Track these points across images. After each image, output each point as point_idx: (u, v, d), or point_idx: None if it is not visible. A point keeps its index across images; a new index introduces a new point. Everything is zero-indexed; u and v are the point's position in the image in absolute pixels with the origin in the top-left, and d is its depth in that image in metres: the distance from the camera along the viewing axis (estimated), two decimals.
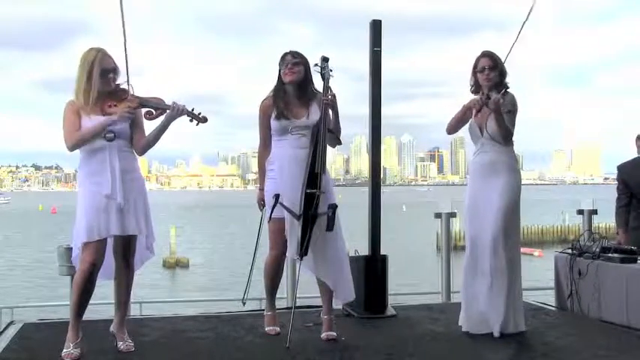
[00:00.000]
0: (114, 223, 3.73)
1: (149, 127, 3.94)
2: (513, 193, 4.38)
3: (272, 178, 4.21)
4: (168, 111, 3.81)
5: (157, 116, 3.83)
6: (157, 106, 3.82)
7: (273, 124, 4.19)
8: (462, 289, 4.49)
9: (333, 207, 4.06)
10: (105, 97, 3.77)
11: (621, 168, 5.60)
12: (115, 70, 3.79)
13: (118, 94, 3.80)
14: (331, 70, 4.12)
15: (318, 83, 4.21)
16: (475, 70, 4.46)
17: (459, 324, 4.50)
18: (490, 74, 4.39)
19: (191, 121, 3.87)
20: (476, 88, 4.51)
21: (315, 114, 4.15)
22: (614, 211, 5.59)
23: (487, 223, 4.32)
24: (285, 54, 4.24)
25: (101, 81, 3.73)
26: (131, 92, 3.83)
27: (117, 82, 3.83)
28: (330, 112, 4.12)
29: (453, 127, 4.59)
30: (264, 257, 4.34)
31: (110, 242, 3.83)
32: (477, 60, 4.46)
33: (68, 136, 3.75)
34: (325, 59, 4.11)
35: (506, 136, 4.37)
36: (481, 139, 4.45)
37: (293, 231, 4.07)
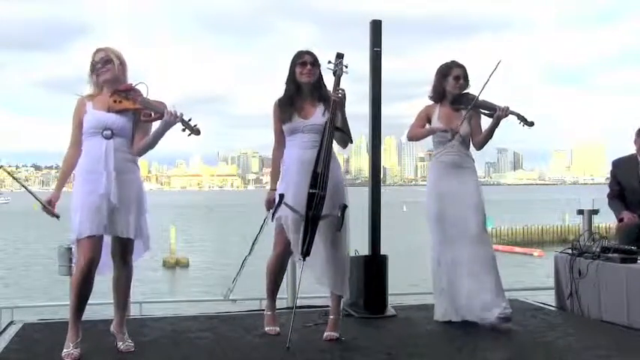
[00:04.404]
0: (105, 223, 3.71)
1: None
2: (480, 190, 4.78)
3: (283, 179, 4.20)
4: (164, 116, 3.80)
5: (153, 119, 3.82)
6: (155, 109, 3.82)
7: (285, 124, 4.17)
8: (443, 283, 4.71)
9: (342, 207, 4.03)
10: (114, 92, 3.78)
11: (615, 163, 5.69)
12: (103, 60, 3.80)
13: (130, 93, 3.80)
14: (346, 67, 4.06)
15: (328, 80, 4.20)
16: (445, 77, 4.71)
17: (436, 318, 4.74)
18: (464, 84, 4.70)
19: (183, 130, 3.80)
20: (438, 95, 4.78)
21: (325, 113, 4.10)
22: (607, 203, 5.67)
23: (467, 216, 4.63)
24: (302, 53, 4.19)
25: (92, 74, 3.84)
26: (142, 93, 3.82)
27: (130, 82, 3.85)
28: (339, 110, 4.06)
29: (417, 140, 4.97)
30: (267, 258, 4.32)
31: (108, 241, 3.82)
32: (449, 68, 4.73)
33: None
34: (340, 55, 4.06)
35: (486, 143, 4.76)
36: (449, 142, 4.70)
37: (298, 231, 4.03)
